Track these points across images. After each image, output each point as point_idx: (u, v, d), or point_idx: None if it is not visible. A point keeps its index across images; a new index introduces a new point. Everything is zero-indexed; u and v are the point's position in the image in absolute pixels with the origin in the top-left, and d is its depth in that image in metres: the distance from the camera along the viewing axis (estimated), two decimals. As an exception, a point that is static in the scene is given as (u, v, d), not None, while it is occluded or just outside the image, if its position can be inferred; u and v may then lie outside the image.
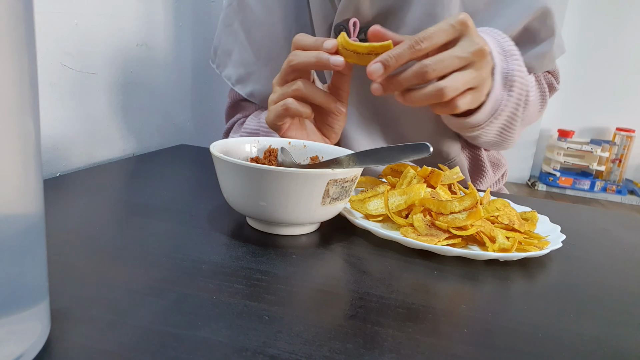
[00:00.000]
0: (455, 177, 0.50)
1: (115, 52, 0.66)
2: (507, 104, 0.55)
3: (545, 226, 0.48)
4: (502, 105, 0.54)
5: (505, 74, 0.54)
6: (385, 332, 0.29)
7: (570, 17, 3.19)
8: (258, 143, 0.50)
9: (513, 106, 0.56)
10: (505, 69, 0.54)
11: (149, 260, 0.35)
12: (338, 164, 0.40)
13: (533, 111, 0.65)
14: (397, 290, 0.34)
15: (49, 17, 0.55)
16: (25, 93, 0.20)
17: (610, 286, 0.39)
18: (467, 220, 0.41)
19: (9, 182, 0.20)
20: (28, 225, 0.22)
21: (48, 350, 0.24)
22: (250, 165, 0.38)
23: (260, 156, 0.49)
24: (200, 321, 0.28)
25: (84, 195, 0.48)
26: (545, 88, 0.67)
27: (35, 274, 0.23)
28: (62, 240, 0.37)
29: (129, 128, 0.72)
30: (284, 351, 0.26)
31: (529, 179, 3.56)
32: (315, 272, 0.36)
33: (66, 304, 0.28)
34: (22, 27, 0.19)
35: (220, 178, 0.42)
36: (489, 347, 0.28)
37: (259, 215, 0.41)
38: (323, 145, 0.50)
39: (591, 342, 0.30)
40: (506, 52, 0.54)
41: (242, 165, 0.38)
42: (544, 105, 0.68)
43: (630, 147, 3.37)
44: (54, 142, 0.58)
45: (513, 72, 0.54)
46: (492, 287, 0.37)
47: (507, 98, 0.54)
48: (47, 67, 0.55)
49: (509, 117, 0.57)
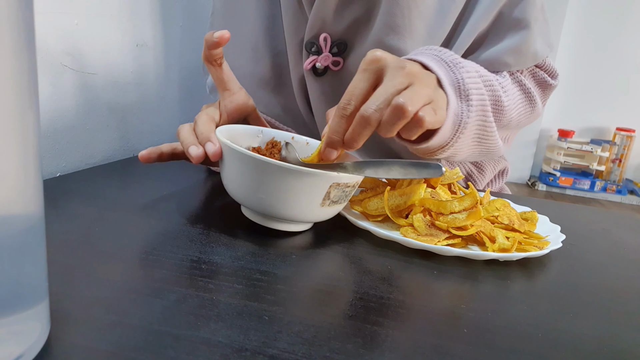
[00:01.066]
0: (455, 177, 0.50)
1: (115, 52, 0.66)
2: (470, 115, 0.51)
3: (545, 226, 0.48)
4: (463, 117, 0.51)
5: (456, 85, 0.51)
6: (385, 332, 0.29)
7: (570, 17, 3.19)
8: (262, 133, 0.50)
9: (478, 115, 0.53)
10: (454, 79, 0.51)
11: (149, 260, 0.35)
12: (343, 169, 0.40)
13: (520, 112, 0.62)
14: (397, 290, 0.34)
15: (49, 17, 0.55)
16: (25, 93, 0.20)
17: (610, 286, 0.39)
18: (467, 220, 0.41)
19: (8, 182, 0.20)
20: (28, 225, 0.22)
21: (48, 350, 0.24)
22: (256, 156, 0.37)
23: (262, 147, 0.49)
24: (200, 321, 0.28)
25: (83, 195, 0.48)
26: (530, 87, 0.64)
27: (35, 274, 0.23)
28: (62, 240, 0.37)
29: (128, 128, 0.72)
30: (284, 351, 0.26)
31: (529, 179, 3.56)
32: (315, 272, 0.36)
33: (66, 304, 0.28)
34: (22, 27, 0.19)
35: (222, 164, 0.42)
36: (489, 347, 0.28)
37: (256, 207, 0.40)
38: None
39: (591, 342, 0.30)
40: (448, 63, 0.52)
41: (246, 154, 0.38)
42: (534, 104, 0.65)
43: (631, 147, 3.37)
44: (54, 142, 0.58)
45: (463, 81, 0.51)
46: (492, 287, 0.37)
47: (467, 109, 0.51)
48: (47, 67, 0.55)
49: (479, 127, 0.54)
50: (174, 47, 0.81)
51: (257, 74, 0.67)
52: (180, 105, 0.86)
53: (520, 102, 0.63)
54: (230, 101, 0.51)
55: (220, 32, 0.46)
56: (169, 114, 0.82)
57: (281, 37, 0.65)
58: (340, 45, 0.61)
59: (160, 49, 0.77)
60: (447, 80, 0.50)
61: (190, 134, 0.47)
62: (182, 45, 0.83)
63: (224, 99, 0.51)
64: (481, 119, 0.53)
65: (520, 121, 0.64)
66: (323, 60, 0.61)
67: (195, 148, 0.44)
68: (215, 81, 0.51)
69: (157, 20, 0.75)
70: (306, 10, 0.60)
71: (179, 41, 0.82)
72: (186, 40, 0.84)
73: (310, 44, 0.61)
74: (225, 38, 0.46)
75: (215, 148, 0.43)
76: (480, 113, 0.53)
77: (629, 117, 3.41)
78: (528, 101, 0.64)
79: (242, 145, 0.47)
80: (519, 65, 0.62)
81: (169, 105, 0.82)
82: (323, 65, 0.62)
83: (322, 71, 0.62)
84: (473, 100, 0.51)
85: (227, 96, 0.51)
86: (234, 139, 0.46)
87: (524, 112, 0.64)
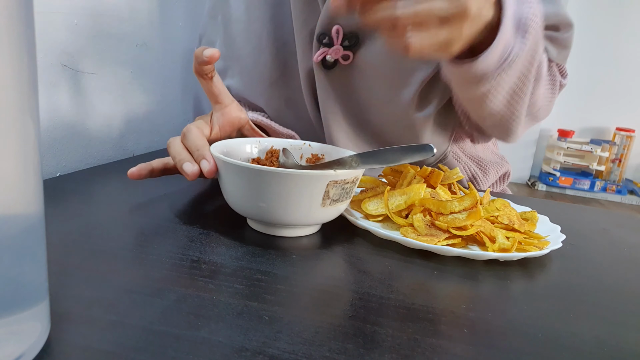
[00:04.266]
0: (456, 177, 0.50)
1: (115, 52, 0.66)
2: (521, 52, 0.47)
3: (545, 226, 0.48)
4: (514, 50, 0.46)
5: (518, 17, 0.47)
6: (385, 332, 0.29)
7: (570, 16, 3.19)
8: (260, 144, 0.50)
9: (527, 58, 0.49)
10: (518, 12, 0.47)
11: (149, 260, 0.35)
12: (341, 165, 0.40)
13: (543, 94, 0.59)
14: (397, 290, 0.34)
15: (49, 17, 0.55)
16: (25, 93, 0.20)
17: (610, 286, 0.39)
18: (467, 220, 0.41)
19: (8, 182, 0.20)
20: (28, 225, 0.22)
21: (48, 350, 0.24)
22: (249, 166, 0.38)
23: (262, 157, 0.49)
24: (200, 321, 0.28)
25: (83, 195, 0.48)
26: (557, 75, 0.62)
27: (35, 274, 0.23)
28: (62, 240, 0.37)
29: (128, 128, 0.72)
30: (284, 351, 0.26)
31: (529, 179, 3.56)
32: (315, 272, 0.36)
33: (66, 304, 0.28)
34: (22, 27, 0.19)
35: (220, 179, 0.42)
36: (489, 347, 0.28)
37: (259, 217, 0.41)
38: (326, 146, 0.50)
39: (591, 342, 0.30)
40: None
41: (241, 165, 0.38)
42: (554, 94, 0.62)
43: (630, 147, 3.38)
44: (54, 142, 0.58)
45: (527, 17, 0.47)
46: (492, 287, 0.37)
47: (521, 44, 0.47)
48: (47, 67, 0.55)
49: (522, 74, 0.50)
50: (174, 47, 0.81)
51: (261, 64, 0.65)
52: (180, 105, 0.86)
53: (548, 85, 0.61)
54: (222, 114, 0.50)
55: (210, 51, 0.45)
56: (169, 114, 0.82)
57: (287, 27, 0.64)
58: (352, 38, 0.60)
59: (160, 49, 0.77)
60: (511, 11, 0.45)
61: (183, 150, 0.46)
62: (182, 45, 0.83)
63: (216, 111, 0.50)
64: (527, 64, 0.50)
65: (540, 108, 0.61)
66: (334, 53, 0.60)
67: (191, 165, 0.43)
68: (207, 94, 0.50)
69: (157, 20, 0.75)
70: (319, 1, 0.60)
71: (179, 41, 0.82)
72: (186, 40, 0.84)
73: (323, 36, 0.60)
74: (215, 57, 0.45)
75: (210, 165, 0.42)
76: (529, 56, 0.49)
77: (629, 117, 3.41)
78: (552, 88, 0.62)
79: (240, 158, 0.48)
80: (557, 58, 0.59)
81: (169, 105, 0.82)
82: (333, 58, 0.60)
83: (331, 64, 0.61)
84: (529, 38, 0.48)
85: (219, 109, 0.50)
86: (230, 153, 0.46)
87: (545, 97, 0.61)
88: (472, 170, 0.72)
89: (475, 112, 0.58)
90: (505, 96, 0.52)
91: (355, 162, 0.40)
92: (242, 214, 0.42)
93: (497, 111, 0.54)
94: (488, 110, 0.54)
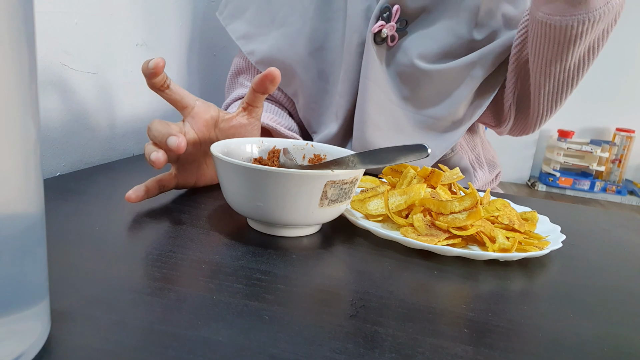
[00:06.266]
0: (456, 177, 0.50)
1: (115, 52, 0.66)
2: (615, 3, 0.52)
3: (545, 226, 0.48)
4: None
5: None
6: (385, 332, 0.29)
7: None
8: (262, 144, 0.50)
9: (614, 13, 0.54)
10: None
11: (149, 260, 0.35)
12: (339, 165, 0.40)
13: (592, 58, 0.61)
14: (397, 290, 0.34)
15: (49, 17, 0.55)
16: (25, 93, 0.20)
17: (610, 286, 0.39)
18: (467, 220, 0.41)
19: (9, 182, 0.20)
20: (28, 225, 0.22)
21: (48, 350, 0.24)
22: (247, 165, 0.38)
23: (264, 157, 0.49)
24: (200, 321, 0.28)
25: (84, 195, 0.48)
26: None
27: (35, 274, 0.23)
28: (62, 240, 0.37)
29: (129, 128, 0.72)
30: (284, 351, 0.26)
31: (529, 179, 3.56)
32: (315, 272, 0.36)
33: (66, 304, 0.28)
34: (22, 27, 0.19)
35: (219, 178, 0.42)
36: (489, 347, 0.28)
37: (257, 216, 0.41)
38: (328, 146, 0.50)
39: (591, 342, 0.30)
40: None
41: (238, 165, 0.38)
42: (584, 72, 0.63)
43: (630, 148, 3.38)
44: (54, 141, 0.58)
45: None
46: (492, 287, 0.37)
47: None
48: (47, 67, 0.55)
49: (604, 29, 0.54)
50: (174, 47, 0.81)
51: (303, 34, 0.68)
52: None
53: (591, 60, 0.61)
54: (192, 116, 0.49)
55: (155, 60, 0.44)
56: (169, 113, 0.82)
57: (336, 4, 0.67)
58: (402, 21, 0.64)
59: (160, 49, 0.77)
60: None
61: (149, 145, 0.46)
62: (182, 45, 0.84)
63: (186, 116, 0.49)
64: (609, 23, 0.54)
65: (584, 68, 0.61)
66: (389, 29, 0.63)
67: (155, 153, 0.43)
68: (170, 103, 0.49)
69: (157, 20, 0.75)
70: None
71: (179, 41, 0.82)
72: (186, 40, 0.84)
73: (386, 9, 0.63)
74: (161, 66, 0.45)
75: (179, 140, 0.42)
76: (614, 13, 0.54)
77: (629, 117, 3.41)
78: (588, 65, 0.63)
79: (241, 157, 0.47)
80: None
81: (168, 105, 0.82)
82: (388, 34, 0.64)
83: (380, 41, 0.64)
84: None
85: (187, 113, 0.49)
86: (230, 153, 0.46)
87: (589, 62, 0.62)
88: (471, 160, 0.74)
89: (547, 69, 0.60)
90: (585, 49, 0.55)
91: (354, 162, 0.40)
92: (242, 214, 0.42)
93: (569, 67, 0.57)
94: (563, 65, 0.57)
